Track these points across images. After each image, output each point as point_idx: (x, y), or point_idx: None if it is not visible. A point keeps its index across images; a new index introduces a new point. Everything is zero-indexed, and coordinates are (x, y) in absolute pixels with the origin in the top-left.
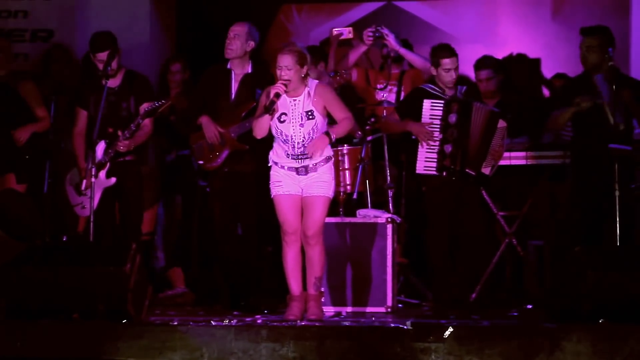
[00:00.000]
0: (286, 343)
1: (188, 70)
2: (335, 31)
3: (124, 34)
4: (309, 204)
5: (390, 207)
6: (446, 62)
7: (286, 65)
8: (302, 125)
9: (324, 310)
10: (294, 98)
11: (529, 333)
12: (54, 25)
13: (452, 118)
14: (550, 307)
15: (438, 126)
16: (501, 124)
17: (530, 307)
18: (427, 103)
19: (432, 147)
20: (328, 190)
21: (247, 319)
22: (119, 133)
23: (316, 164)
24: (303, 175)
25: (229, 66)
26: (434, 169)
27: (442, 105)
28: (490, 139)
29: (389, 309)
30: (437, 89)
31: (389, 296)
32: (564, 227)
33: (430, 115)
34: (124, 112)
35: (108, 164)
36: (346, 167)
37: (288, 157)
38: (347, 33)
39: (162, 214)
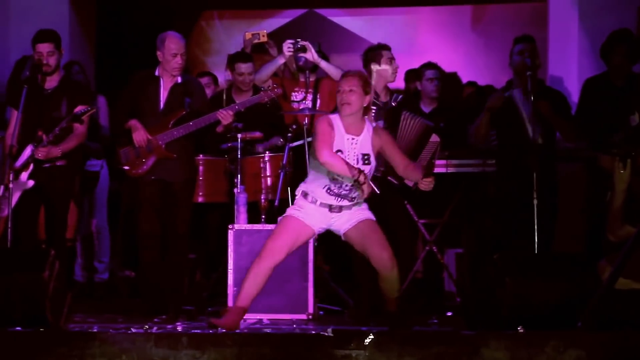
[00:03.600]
0: (207, 350)
1: (84, 74)
2: (248, 34)
3: None
4: (366, 230)
5: None
6: (387, 53)
7: (350, 86)
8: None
9: (246, 317)
10: (353, 137)
11: (448, 340)
12: None
13: (380, 124)
14: (469, 314)
15: None
16: (434, 138)
17: (450, 314)
18: None
19: None
20: (370, 214)
21: (168, 327)
22: (43, 137)
23: (353, 204)
24: (336, 213)
25: (157, 73)
26: None
27: (374, 111)
28: (419, 151)
29: (310, 316)
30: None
31: (310, 303)
32: (483, 234)
33: None
34: (55, 114)
35: (31, 166)
36: (268, 174)
37: (327, 193)
38: (261, 36)
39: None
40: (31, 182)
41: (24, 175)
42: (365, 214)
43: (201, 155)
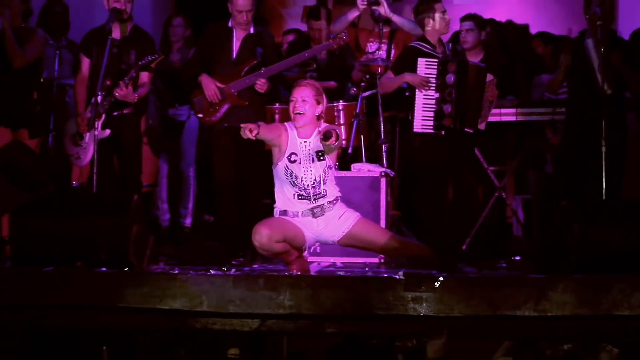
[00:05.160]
0: (282, 291)
1: (189, 28)
2: None
3: None
4: (360, 232)
5: (384, 161)
6: (439, 6)
7: (302, 97)
8: (312, 166)
9: (319, 260)
10: (305, 140)
11: (517, 283)
12: None
13: (451, 78)
14: (537, 258)
15: (434, 84)
16: (489, 77)
17: (518, 258)
18: (421, 62)
19: (428, 107)
20: (356, 214)
21: (245, 269)
22: (120, 82)
23: (330, 202)
24: (320, 217)
25: (230, 24)
26: (431, 127)
27: (435, 63)
28: (482, 95)
29: (382, 260)
30: (429, 47)
31: None
32: (551, 181)
33: (425, 73)
34: (123, 65)
35: (103, 116)
36: (341, 122)
37: (299, 200)
38: None
39: (165, 166)
40: (107, 131)
41: (97, 125)
42: (350, 217)
43: (277, 104)
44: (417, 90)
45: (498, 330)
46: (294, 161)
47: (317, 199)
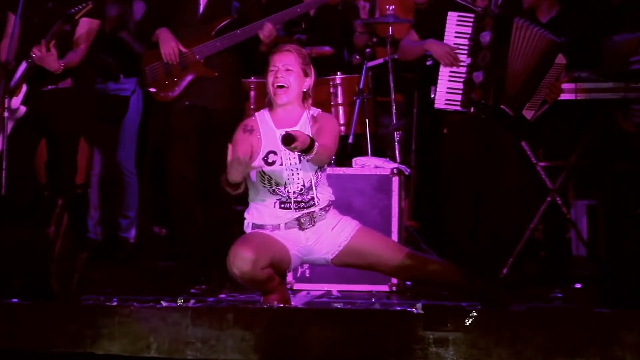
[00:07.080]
0: (259, 331)
1: None
2: None
3: None
4: (361, 245)
5: (397, 154)
6: None
7: (286, 65)
8: (299, 167)
9: (309, 288)
10: (289, 127)
11: (577, 320)
12: None
13: (486, 37)
14: (604, 286)
15: (466, 48)
16: (560, 59)
17: (579, 286)
18: (452, 16)
19: (457, 75)
20: (354, 222)
21: (209, 299)
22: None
23: (321, 208)
24: (310, 227)
25: None
26: (459, 103)
27: (471, 20)
28: (542, 75)
29: (394, 288)
30: None
31: None
32: (623, 182)
33: (456, 32)
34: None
35: (24, 88)
36: (339, 102)
37: (282, 209)
38: None
39: (98, 161)
40: (23, 109)
41: (16, 101)
42: (347, 227)
43: (253, 78)
44: None
45: None
46: (273, 162)
47: (305, 207)
